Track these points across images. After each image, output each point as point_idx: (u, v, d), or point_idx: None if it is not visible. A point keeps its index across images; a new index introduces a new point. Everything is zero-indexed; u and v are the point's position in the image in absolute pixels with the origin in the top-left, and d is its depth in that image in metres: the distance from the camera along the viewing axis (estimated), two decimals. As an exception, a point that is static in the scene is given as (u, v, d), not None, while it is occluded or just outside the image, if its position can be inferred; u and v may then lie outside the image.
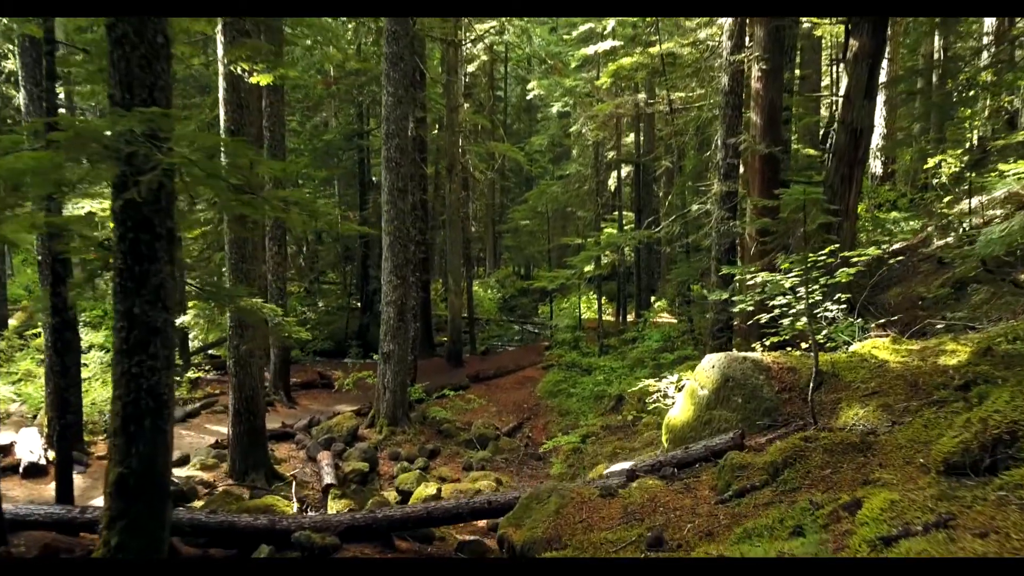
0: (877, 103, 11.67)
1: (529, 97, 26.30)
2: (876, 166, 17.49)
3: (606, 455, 9.51)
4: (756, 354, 6.31)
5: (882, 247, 9.08)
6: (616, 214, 22.76)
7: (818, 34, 16.87)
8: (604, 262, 17.94)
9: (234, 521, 5.88)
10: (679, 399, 6.64)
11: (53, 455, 7.66)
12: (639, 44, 15.83)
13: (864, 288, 8.40)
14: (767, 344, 6.99)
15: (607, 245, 14.92)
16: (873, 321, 7.73)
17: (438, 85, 20.18)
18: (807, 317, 5.47)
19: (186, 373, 14.14)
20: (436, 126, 22.07)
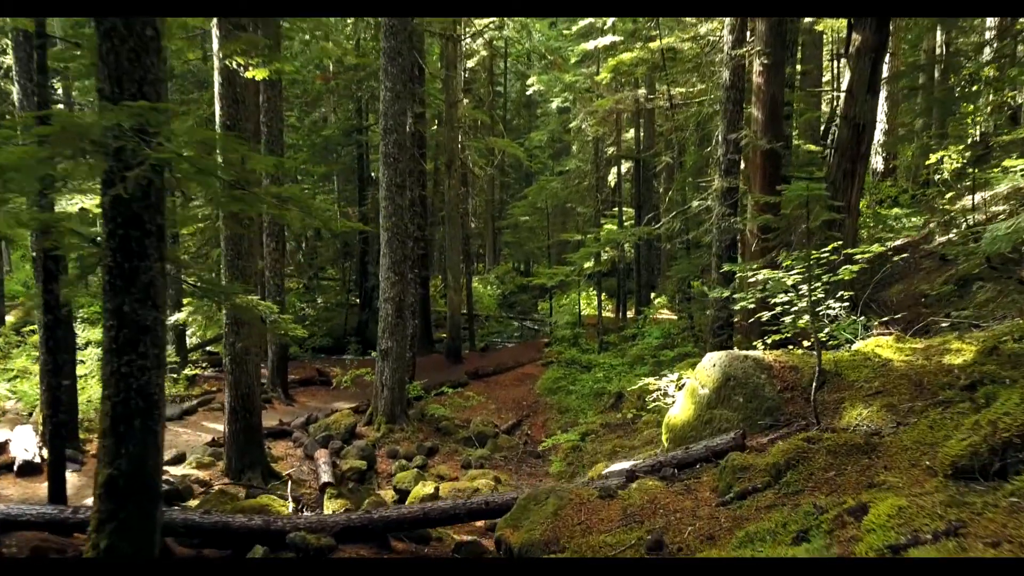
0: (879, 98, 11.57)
1: (529, 93, 26.18)
2: (877, 162, 17.40)
3: (605, 453, 9.43)
4: (758, 352, 6.23)
5: (885, 244, 9.00)
6: (616, 210, 22.68)
7: (819, 29, 16.76)
8: (604, 258, 17.85)
9: (228, 522, 5.80)
10: (679, 398, 6.56)
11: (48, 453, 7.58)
12: (639, 39, 15.70)
13: (866, 285, 8.32)
14: (768, 342, 6.91)
15: (607, 241, 14.82)
16: (875, 319, 7.65)
17: (437, 80, 20.06)
18: (810, 315, 5.38)
19: (183, 370, 14.06)
20: (435, 122, 21.96)
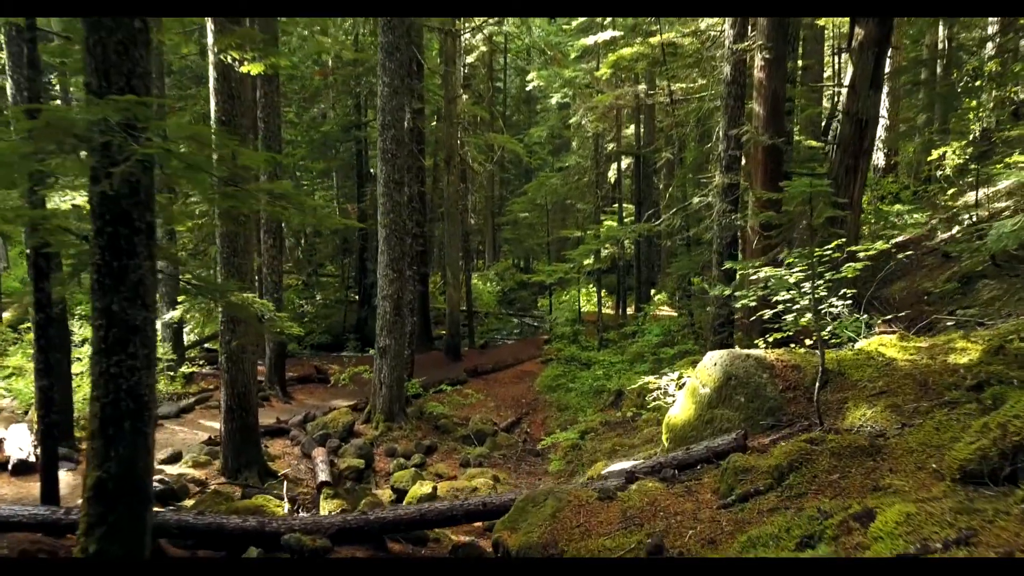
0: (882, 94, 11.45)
1: (528, 88, 26.05)
2: (879, 158, 17.31)
3: (605, 452, 9.35)
4: (759, 351, 6.14)
5: (889, 241, 8.90)
6: (616, 206, 22.57)
7: (821, 23, 16.61)
8: (604, 255, 17.72)
9: (223, 523, 5.72)
10: (680, 397, 6.47)
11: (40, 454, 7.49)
12: (639, 34, 15.58)
13: (870, 282, 8.24)
14: (770, 340, 6.82)
15: (607, 238, 14.72)
16: (878, 316, 7.57)
17: (436, 76, 19.93)
18: (812, 313, 5.29)
19: (180, 368, 13.97)
20: (434, 117, 21.84)
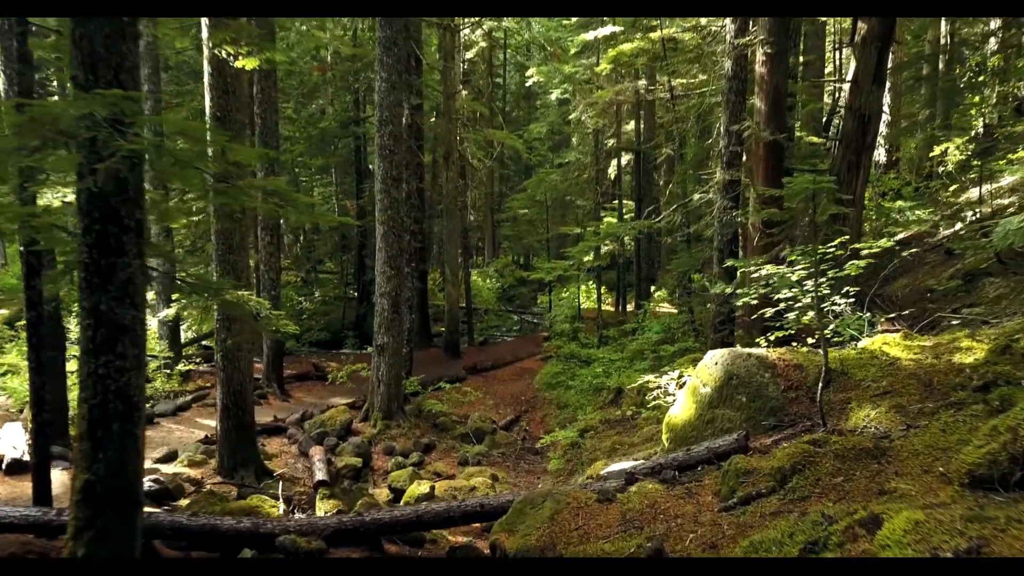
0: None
1: (528, 84, 25.87)
2: (880, 154, 17.20)
3: (605, 450, 9.28)
4: (761, 350, 6.05)
5: (892, 238, 8.81)
6: (616, 203, 22.46)
7: (822, 18, 16.49)
8: (603, 252, 17.62)
9: (216, 524, 5.64)
10: (680, 396, 6.39)
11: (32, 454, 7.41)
12: (639, 29, 15.43)
13: (872, 280, 8.14)
14: (771, 339, 6.73)
15: (607, 235, 14.61)
16: (881, 315, 7.48)
17: (435, 71, 19.80)
18: (815, 312, 5.20)
19: (177, 365, 13.89)
20: (433, 113, 21.72)
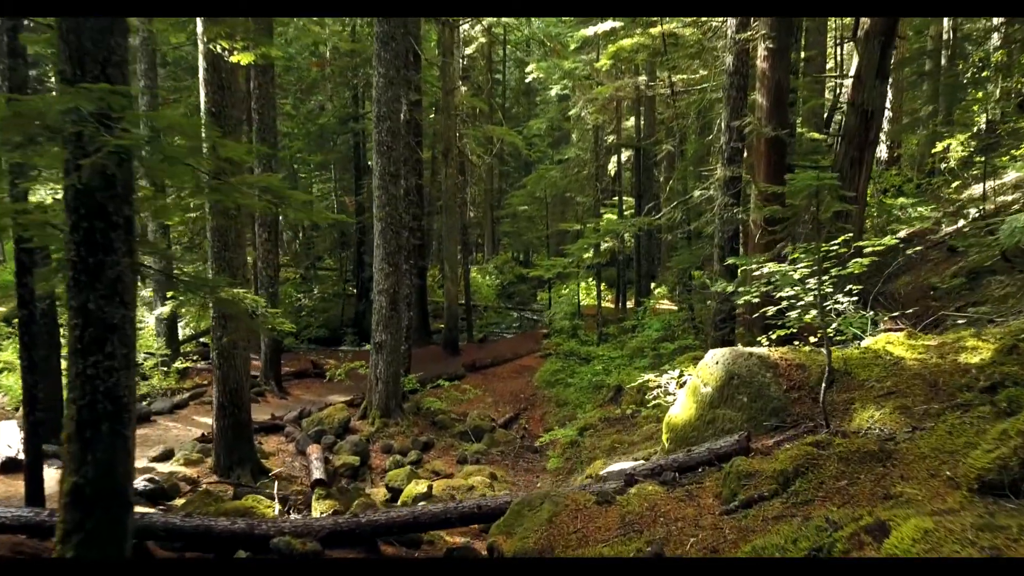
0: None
1: (528, 80, 25.72)
2: (881, 150, 17.10)
3: (604, 449, 9.20)
4: (762, 349, 5.97)
5: (897, 235, 8.70)
6: (616, 199, 22.36)
7: (824, 14, 16.35)
8: (603, 249, 17.51)
9: (211, 525, 5.57)
10: (680, 396, 6.30)
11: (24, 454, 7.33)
12: (639, 25, 15.30)
13: (875, 278, 8.05)
14: (773, 337, 6.64)
15: (606, 232, 14.51)
16: (883, 313, 7.39)
17: (434, 67, 19.69)
18: (818, 310, 5.11)
19: (174, 362, 13.81)
20: (432, 109, 21.60)
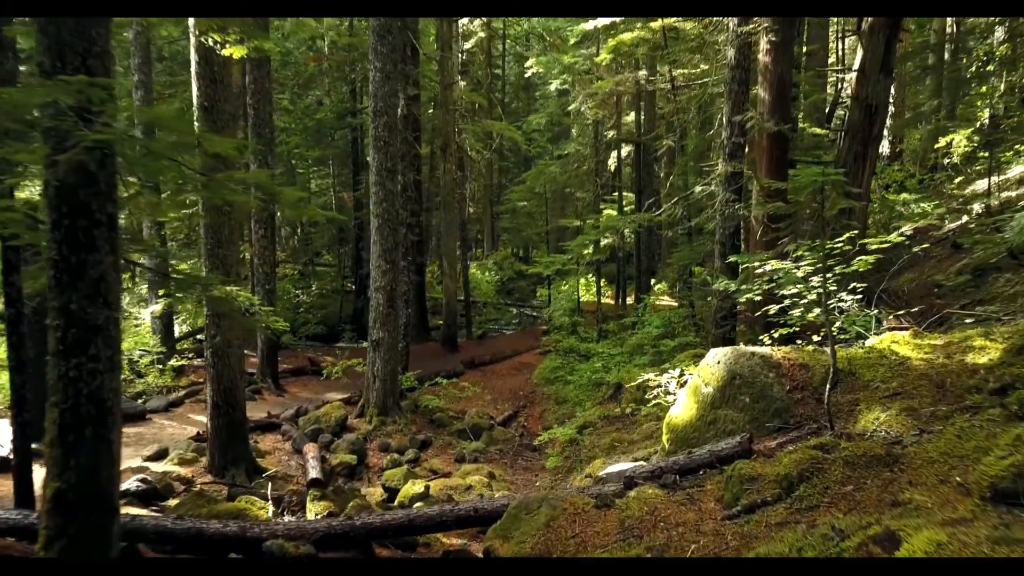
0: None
1: (527, 75, 25.55)
2: (884, 146, 16.94)
3: (603, 447, 9.10)
4: (765, 349, 5.85)
5: (903, 233, 8.58)
6: (616, 195, 22.22)
7: (827, 7, 16.19)
8: (603, 245, 17.38)
9: (202, 528, 5.46)
10: (681, 396, 6.19)
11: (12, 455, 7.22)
12: (640, 18, 15.16)
13: (879, 275, 7.92)
14: (775, 336, 6.53)
15: (606, 228, 14.35)
16: (887, 311, 7.26)
17: (433, 62, 19.52)
18: (822, 309, 4.99)
19: (170, 360, 13.69)
20: (431, 104, 21.42)
